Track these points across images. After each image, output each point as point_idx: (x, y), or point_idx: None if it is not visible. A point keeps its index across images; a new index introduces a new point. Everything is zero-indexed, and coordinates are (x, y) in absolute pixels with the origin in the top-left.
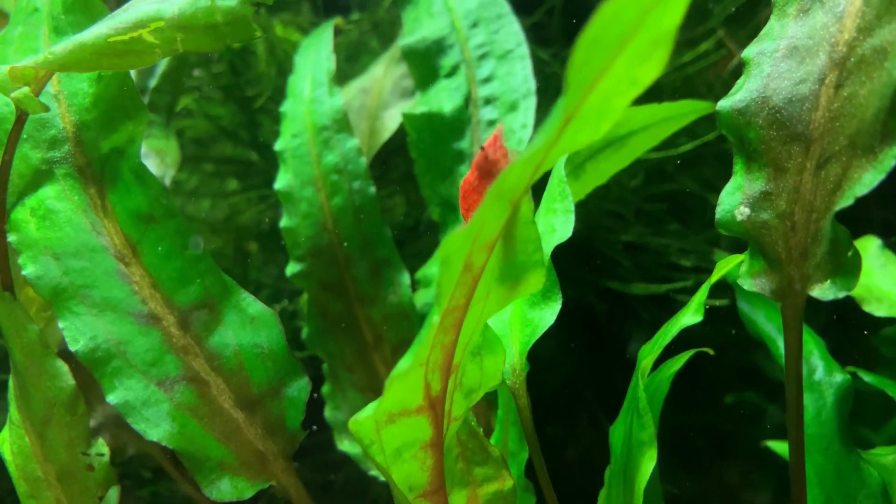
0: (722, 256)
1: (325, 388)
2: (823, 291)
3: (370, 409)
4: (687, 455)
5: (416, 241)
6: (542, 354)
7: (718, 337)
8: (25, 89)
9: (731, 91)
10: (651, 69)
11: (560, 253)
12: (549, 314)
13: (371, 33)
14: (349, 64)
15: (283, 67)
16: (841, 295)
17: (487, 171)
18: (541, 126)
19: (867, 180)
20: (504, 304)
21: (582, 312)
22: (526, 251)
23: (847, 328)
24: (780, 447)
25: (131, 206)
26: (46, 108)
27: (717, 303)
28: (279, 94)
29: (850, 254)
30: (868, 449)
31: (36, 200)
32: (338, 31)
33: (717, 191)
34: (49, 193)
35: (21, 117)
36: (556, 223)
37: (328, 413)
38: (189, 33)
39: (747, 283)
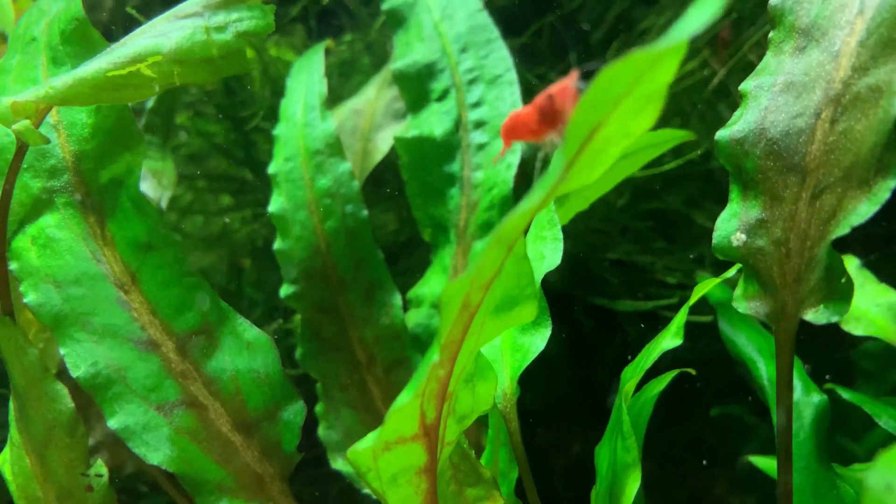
0: (704, 276)
1: (319, 408)
2: (817, 316)
3: (369, 441)
4: (673, 467)
5: (409, 256)
6: (530, 370)
7: (706, 351)
8: (26, 122)
9: (729, 122)
10: (644, 122)
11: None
12: (539, 340)
13: (363, 52)
14: (341, 81)
15: (277, 86)
16: (834, 319)
17: (550, 114)
18: (541, 176)
19: (862, 211)
20: (497, 334)
21: (570, 328)
22: (519, 285)
23: (827, 343)
24: (763, 462)
25: (130, 235)
26: (47, 140)
27: (702, 320)
28: (273, 112)
29: (843, 280)
30: (848, 461)
31: (36, 229)
32: (329, 52)
33: (702, 209)
34: (49, 222)
35: (22, 148)
36: (546, 250)
37: (322, 432)
38: (186, 67)
39: (742, 306)
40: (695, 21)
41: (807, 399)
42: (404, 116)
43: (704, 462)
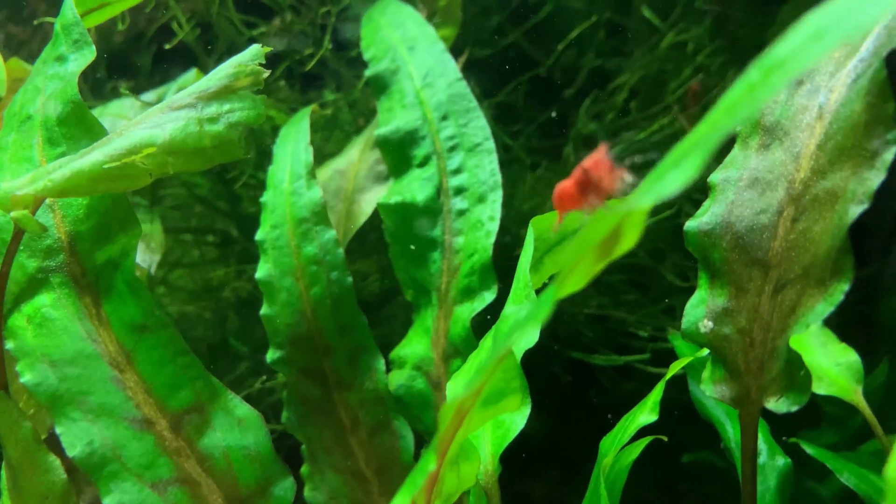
0: (674, 333)
1: (304, 469)
2: (778, 405)
3: None
4: None
5: (390, 303)
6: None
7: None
8: (24, 211)
9: (698, 213)
10: (623, 246)
11: None
12: (519, 418)
13: (344, 109)
14: (324, 136)
15: (261, 142)
16: (794, 409)
17: (587, 184)
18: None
19: (819, 310)
20: (483, 424)
21: (547, 381)
22: (506, 379)
23: None
24: None
25: (126, 316)
26: (44, 229)
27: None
28: (257, 167)
29: (801, 373)
30: (813, 502)
31: (32, 308)
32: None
33: (671, 262)
34: (45, 301)
35: (20, 232)
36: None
37: (307, 493)
38: (179, 157)
39: (709, 389)
40: (673, 182)
41: (772, 463)
42: (387, 179)
43: None
